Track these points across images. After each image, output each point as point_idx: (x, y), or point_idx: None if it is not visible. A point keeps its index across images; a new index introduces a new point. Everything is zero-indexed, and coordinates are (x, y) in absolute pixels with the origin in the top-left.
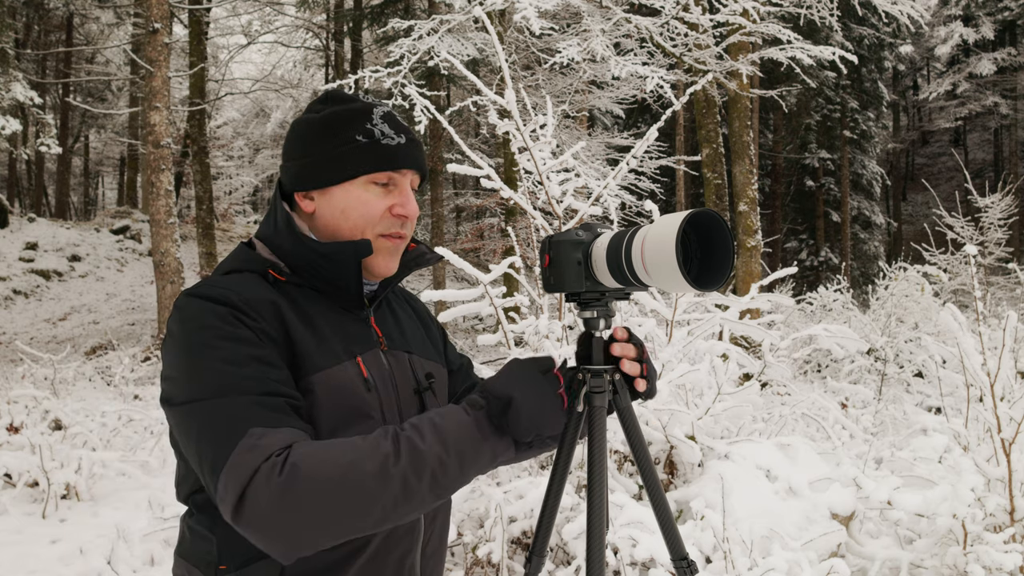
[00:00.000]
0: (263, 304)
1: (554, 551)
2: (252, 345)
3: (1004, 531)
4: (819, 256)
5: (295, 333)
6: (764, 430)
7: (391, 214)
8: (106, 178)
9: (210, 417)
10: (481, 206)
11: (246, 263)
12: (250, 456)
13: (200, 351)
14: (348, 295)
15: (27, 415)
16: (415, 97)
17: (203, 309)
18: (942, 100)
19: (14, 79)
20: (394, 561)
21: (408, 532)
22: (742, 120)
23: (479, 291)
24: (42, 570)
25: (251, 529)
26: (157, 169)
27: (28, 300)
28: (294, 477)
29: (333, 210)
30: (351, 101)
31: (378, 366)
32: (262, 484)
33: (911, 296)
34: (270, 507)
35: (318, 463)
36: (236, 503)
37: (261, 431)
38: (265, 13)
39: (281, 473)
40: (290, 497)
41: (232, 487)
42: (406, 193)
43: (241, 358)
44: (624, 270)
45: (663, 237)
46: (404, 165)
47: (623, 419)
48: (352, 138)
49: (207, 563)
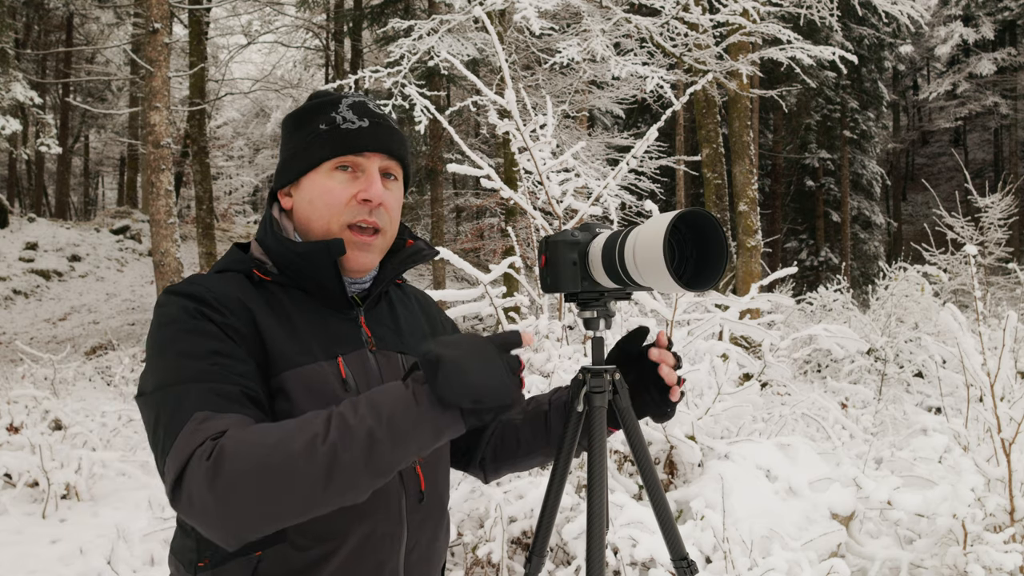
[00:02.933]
0: (232, 300)
1: (554, 551)
2: (214, 339)
3: (1004, 531)
4: (819, 256)
5: (267, 331)
6: (764, 430)
7: (356, 200)
8: (106, 178)
9: (164, 405)
10: (481, 206)
11: (234, 263)
12: (190, 439)
13: (164, 344)
14: (332, 294)
15: (27, 415)
16: (415, 97)
17: (173, 304)
18: (942, 100)
19: (14, 79)
20: (371, 566)
21: (386, 536)
22: (742, 120)
23: (479, 291)
24: (42, 570)
25: (185, 513)
26: (157, 169)
27: (28, 300)
28: (220, 459)
29: (303, 202)
30: (326, 95)
31: (362, 366)
32: (194, 468)
33: (911, 296)
34: (199, 490)
35: (245, 445)
36: (173, 487)
37: (205, 415)
38: (265, 13)
39: (210, 456)
40: (218, 480)
41: (171, 471)
42: (371, 177)
43: (201, 351)
44: (619, 270)
45: (651, 237)
46: (365, 148)
47: (623, 419)
48: (316, 128)
49: (189, 560)
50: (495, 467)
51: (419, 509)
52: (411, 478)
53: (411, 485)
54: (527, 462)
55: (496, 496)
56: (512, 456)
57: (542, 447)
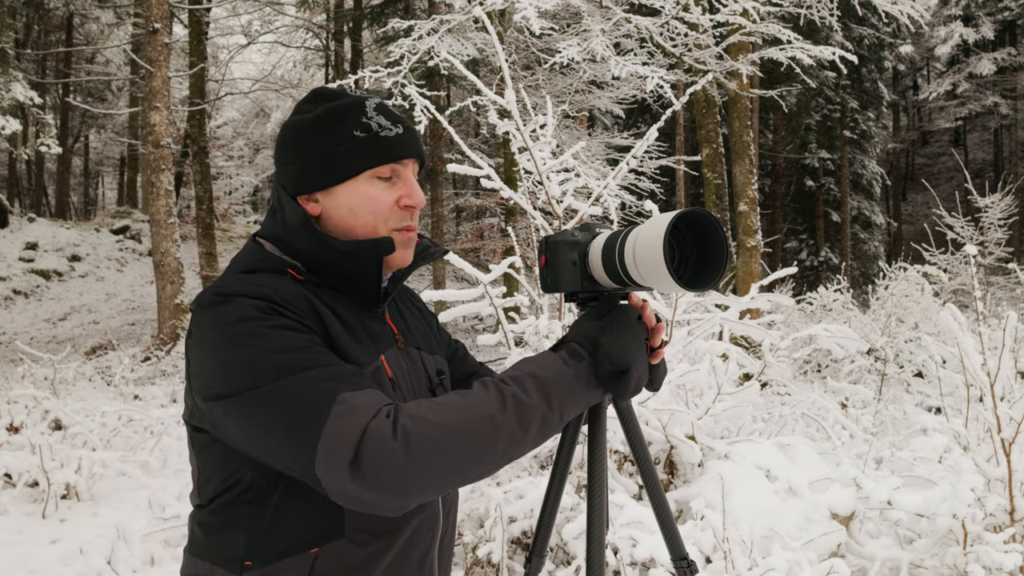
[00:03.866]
0: (299, 299)
1: (554, 551)
2: (302, 332)
3: (1004, 531)
4: (819, 256)
5: (332, 330)
6: (764, 430)
7: (399, 206)
8: (106, 178)
9: (283, 397)
10: (481, 206)
11: (264, 262)
12: (352, 418)
13: (250, 340)
14: (368, 293)
15: (27, 415)
16: (415, 97)
17: (242, 304)
18: (942, 100)
19: (14, 79)
20: (418, 555)
21: (431, 527)
22: (742, 120)
23: (479, 291)
24: (42, 570)
25: (370, 488)
26: (157, 169)
27: (28, 300)
28: (411, 435)
29: (341, 210)
30: (341, 96)
31: (398, 364)
32: (377, 443)
33: (911, 296)
34: (390, 464)
35: (433, 422)
36: (351, 465)
37: (350, 395)
38: (265, 13)
39: (397, 432)
40: (411, 454)
41: (340, 451)
42: (411, 183)
43: (297, 342)
44: (618, 270)
45: (651, 238)
46: (406, 155)
47: (623, 419)
48: (350, 134)
49: (231, 559)
50: None
51: (447, 497)
52: None
53: None
54: None
55: (496, 496)
56: None
57: None
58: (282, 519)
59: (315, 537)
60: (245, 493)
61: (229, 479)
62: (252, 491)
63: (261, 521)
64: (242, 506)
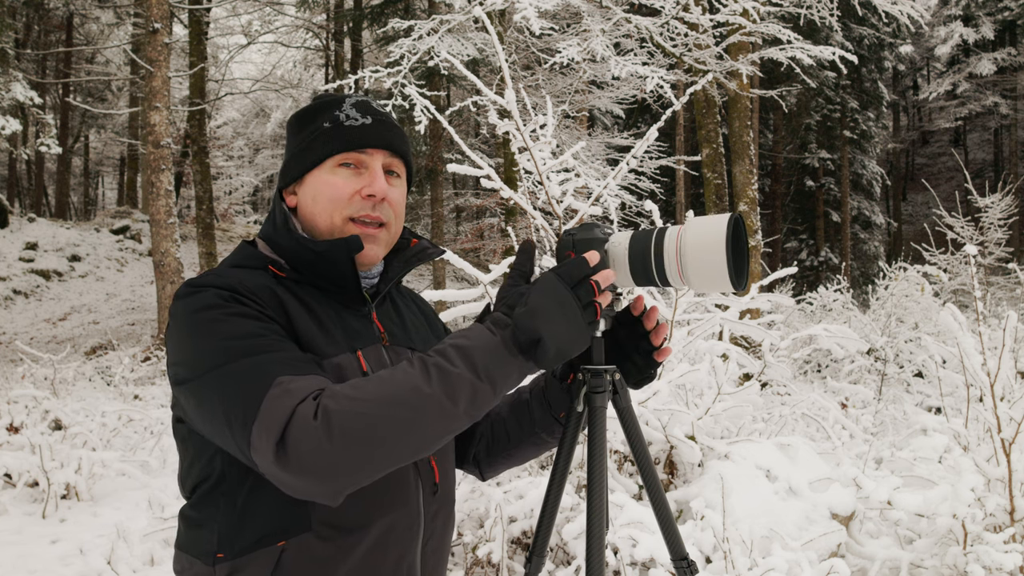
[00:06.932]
0: (263, 291)
1: (554, 551)
2: (260, 321)
3: (1004, 531)
4: (819, 256)
5: (298, 322)
6: (764, 430)
7: (360, 196)
8: (106, 178)
9: (233, 378)
10: (481, 206)
11: (248, 259)
12: (283, 401)
13: (210, 327)
14: (348, 291)
15: (27, 415)
16: (415, 97)
17: (206, 293)
18: (942, 100)
19: (14, 79)
20: (394, 557)
21: (407, 529)
22: (742, 120)
23: (479, 291)
24: (42, 570)
25: (293, 471)
26: (157, 169)
27: (28, 300)
28: (329, 415)
29: (306, 198)
30: (329, 96)
31: (379, 361)
32: (300, 425)
33: (911, 296)
34: (311, 445)
35: (348, 400)
36: (276, 448)
37: (288, 378)
38: (265, 13)
39: (317, 412)
40: (332, 432)
41: (268, 434)
42: (375, 173)
43: (252, 330)
44: (652, 271)
45: (710, 239)
46: (369, 144)
47: (623, 419)
48: (320, 126)
49: (205, 552)
50: (489, 463)
51: (433, 501)
52: (426, 470)
53: (426, 477)
54: (519, 454)
55: (496, 496)
56: (504, 450)
57: (528, 436)
58: (251, 511)
59: (282, 530)
60: (220, 484)
61: (205, 469)
62: (227, 481)
63: (232, 513)
64: (218, 497)
